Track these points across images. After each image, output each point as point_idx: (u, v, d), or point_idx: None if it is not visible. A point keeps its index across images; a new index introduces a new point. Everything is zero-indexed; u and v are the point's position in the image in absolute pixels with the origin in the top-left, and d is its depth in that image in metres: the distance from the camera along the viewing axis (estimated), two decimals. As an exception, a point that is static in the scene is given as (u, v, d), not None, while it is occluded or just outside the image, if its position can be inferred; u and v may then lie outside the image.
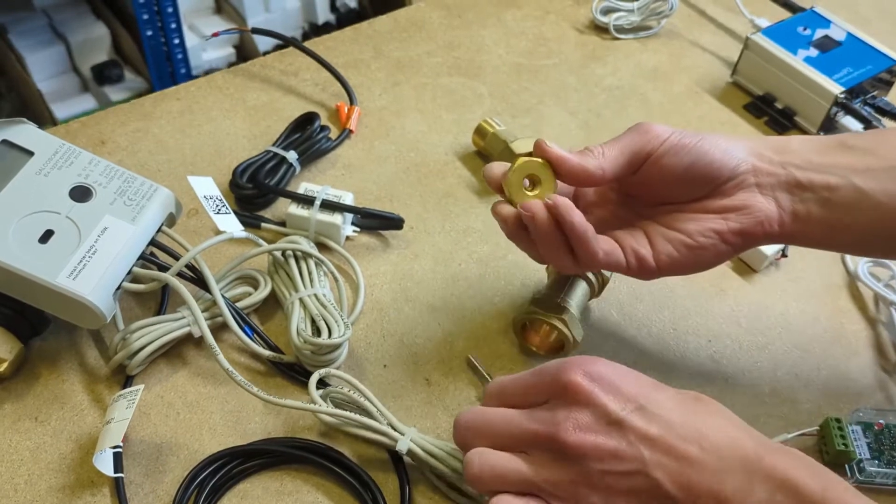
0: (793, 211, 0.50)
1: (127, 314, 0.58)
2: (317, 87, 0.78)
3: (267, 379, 0.57)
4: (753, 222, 0.50)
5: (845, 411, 0.57)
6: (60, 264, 0.51)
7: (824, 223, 0.50)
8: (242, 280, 0.59)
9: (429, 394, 0.57)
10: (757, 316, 0.63)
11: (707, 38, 0.88)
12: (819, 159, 0.50)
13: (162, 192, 0.57)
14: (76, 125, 0.72)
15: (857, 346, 0.62)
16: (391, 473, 0.52)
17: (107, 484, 0.51)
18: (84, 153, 0.57)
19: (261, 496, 0.51)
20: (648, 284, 0.64)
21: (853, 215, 0.49)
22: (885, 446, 0.54)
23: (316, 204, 0.63)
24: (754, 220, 0.50)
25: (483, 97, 0.79)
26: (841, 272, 0.67)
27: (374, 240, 0.66)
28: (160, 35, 1.66)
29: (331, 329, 0.55)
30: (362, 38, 0.84)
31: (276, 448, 0.52)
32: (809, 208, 0.50)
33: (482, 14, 0.88)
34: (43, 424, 0.53)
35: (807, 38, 0.79)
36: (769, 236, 0.50)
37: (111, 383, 0.55)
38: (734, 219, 0.50)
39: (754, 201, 0.50)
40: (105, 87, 1.71)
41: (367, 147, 0.73)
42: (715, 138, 0.50)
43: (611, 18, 0.87)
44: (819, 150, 0.51)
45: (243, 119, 0.74)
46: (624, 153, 0.50)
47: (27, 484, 0.50)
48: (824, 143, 0.51)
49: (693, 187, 0.51)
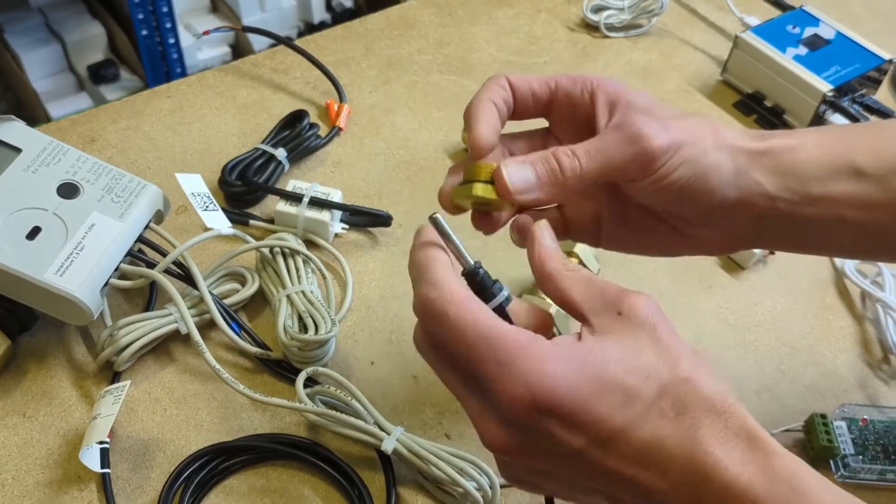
0: (758, 237, 0.46)
1: (115, 311, 0.59)
2: (307, 85, 0.78)
3: (254, 375, 0.57)
4: (708, 247, 0.48)
5: (831, 407, 0.57)
6: (48, 261, 0.51)
7: (791, 244, 0.47)
8: (230, 277, 0.60)
9: (416, 391, 0.57)
10: (744, 313, 0.64)
11: (697, 36, 0.88)
12: (818, 190, 0.43)
13: (150, 189, 0.57)
14: (66, 123, 0.72)
15: (844, 342, 0.62)
16: (378, 470, 0.52)
17: (94, 479, 0.51)
18: (72, 150, 0.57)
19: (247, 492, 0.51)
20: (637, 282, 0.64)
21: (829, 241, 0.46)
22: (870, 442, 0.54)
23: (304, 201, 0.63)
24: (710, 246, 0.47)
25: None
26: (828, 269, 0.67)
27: (363, 237, 0.66)
28: (155, 34, 1.66)
29: (318, 326, 0.55)
30: (353, 36, 0.84)
31: (263, 444, 0.52)
32: (779, 235, 0.46)
33: (473, 12, 0.88)
34: (30, 420, 0.53)
35: (796, 37, 0.79)
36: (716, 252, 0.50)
37: (99, 379, 0.56)
38: (688, 238, 0.46)
39: (717, 234, 0.46)
40: (101, 87, 1.71)
41: (357, 145, 0.73)
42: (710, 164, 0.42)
43: (601, 17, 0.87)
44: (822, 176, 0.43)
45: (233, 117, 0.74)
46: (601, 174, 0.41)
47: (14, 479, 0.51)
48: (830, 165, 0.43)
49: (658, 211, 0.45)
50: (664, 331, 0.36)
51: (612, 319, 0.37)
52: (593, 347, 0.35)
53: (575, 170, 0.41)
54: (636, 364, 0.35)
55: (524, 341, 0.35)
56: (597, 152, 0.41)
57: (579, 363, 0.35)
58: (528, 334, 0.36)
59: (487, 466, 0.50)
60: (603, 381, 0.34)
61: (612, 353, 0.35)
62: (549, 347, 0.35)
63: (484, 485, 0.50)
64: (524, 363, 0.35)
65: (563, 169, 0.41)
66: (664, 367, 0.35)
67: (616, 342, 0.36)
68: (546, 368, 0.34)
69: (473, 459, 0.50)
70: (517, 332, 0.36)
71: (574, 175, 0.41)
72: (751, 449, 0.34)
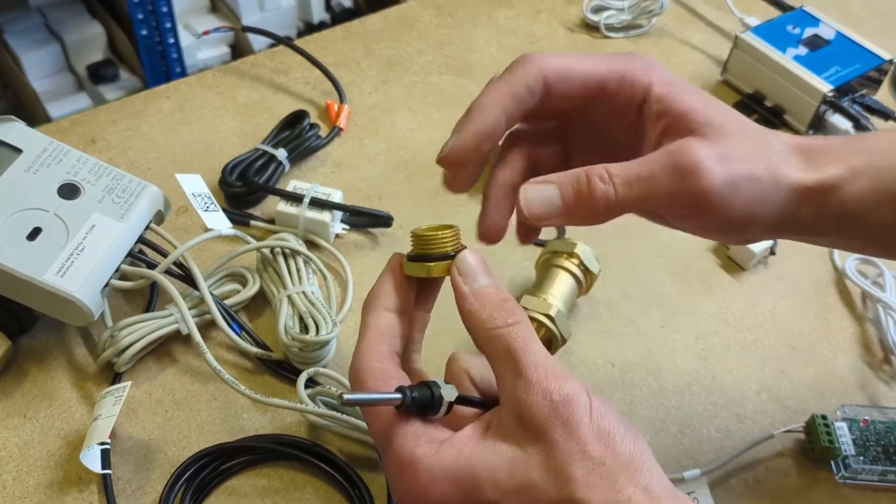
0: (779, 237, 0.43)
1: (115, 311, 0.58)
2: (307, 86, 0.78)
3: (255, 376, 0.57)
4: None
5: (832, 408, 0.57)
6: (48, 262, 0.51)
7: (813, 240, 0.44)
8: (231, 277, 0.60)
9: (417, 391, 0.57)
10: (745, 313, 0.64)
11: (697, 36, 0.88)
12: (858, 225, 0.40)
13: (150, 189, 0.57)
14: (67, 123, 0.72)
15: (845, 343, 0.62)
16: (379, 471, 0.52)
17: (95, 480, 0.51)
18: (73, 151, 0.57)
19: (248, 493, 0.51)
20: (636, 283, 0.64)
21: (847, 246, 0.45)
22: (871, 443, 0.54)
23: (305, 201, 0.63)
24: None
25: (473, 95, 0.78)
26: (829, 270, 0.67)
27: (364, 237, 0.66)
28: (155, 34, 1.66)
29: (319, 326, 0.55)
30: (353, 36, 0.84)
31: (264, 445, 0.52)
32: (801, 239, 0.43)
33: (473, 13, 0.88)
34: (31, 421, 0.53)
35: (796, 37, 0.79)
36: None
37: (99, 380, 0.55)
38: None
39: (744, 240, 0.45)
40: (100, 87, 1.71)
41: (357, 145, 0.73)
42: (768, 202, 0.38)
43: (601, 17, 0.87)
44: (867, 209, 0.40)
45: (233, 117, 0.74)
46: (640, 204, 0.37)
47: (15, 480, 0.51)
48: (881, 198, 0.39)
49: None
50: (559, 444, 0.33)
51: (511, 421, 0.34)
52: (479, 464, 0.34)
53: (609, 198, 0.36)
54: (518, 484, 0.33)
55: (409, 451, 0.35)
56: (639, 182, 0.36)
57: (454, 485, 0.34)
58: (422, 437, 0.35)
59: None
60: (480, 503, 0.33)
61: (495, 472, 0.33)
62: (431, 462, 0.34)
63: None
64: (402, 478, 0.35)
65: (595, 195, 0.36)
66: (552, 487, 0.33)
67: (503, 457, 0.34)
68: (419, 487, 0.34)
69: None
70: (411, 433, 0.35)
71: (606, 204, 0.36)
72: None
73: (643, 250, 0.67)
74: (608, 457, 0.33)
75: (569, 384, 0.33)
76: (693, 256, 0.67)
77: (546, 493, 0.33)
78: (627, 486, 0.32)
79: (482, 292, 0.36)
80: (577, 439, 0.33)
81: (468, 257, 0.37)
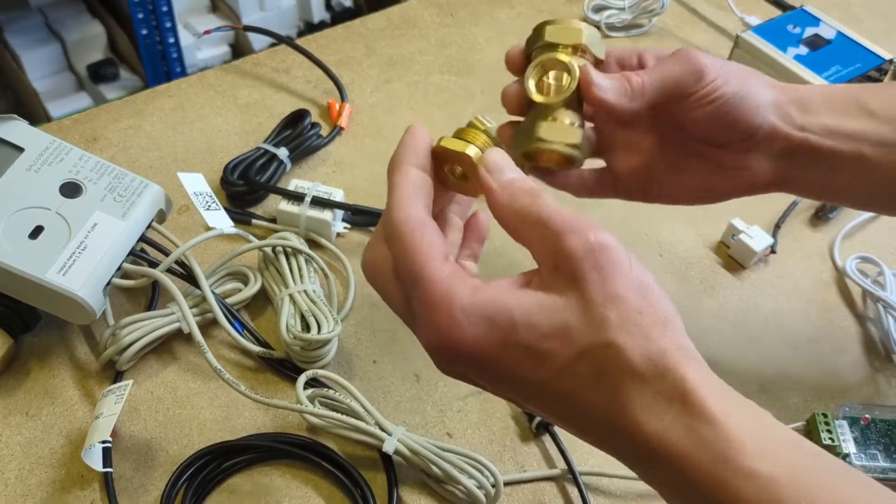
0: (790, 176, 0.49)
1: (117, 310, 0.59)
2: (308, 85, 0.78)
3: (257, 374, 0.57)
4: (745, 184, 0.49)
5: (832, 406, 0.57)
6: (50, 260, 0.51)
7: (818, 186, 0.50)
8: (232, 276, 0.60)
9: (418, 389, 0.57)
10: (745, 312, 0.64)
11: (698, 35, 0.89)
12: (835, 123, 0.48)
13: (152, 188, 0.57)
14: (68, 122, 0.72)
15: (845, 341, 0.62)
16: (381, 470, 0.52)
17: (97, 479, 0.51)
18: (75, 149, 0.57)
19: (250, 491, 0.51)
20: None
21: (851, 181, 0.49)
22: (871, 441, 0.54)
23: (306, 200, 0.63)
24: (747, 182, 0.49)
25: (475, 95, 0.79)
26: (829, 268, 0.67)
27: (365, 236, 0.66)
28: (155, 34, 1.66)
29: (320, 325, 0.55)
30: (354, 35, 0.84)
31: (266, 443, 0.52)
32: (809, 174, 0.49)
33: (475, 12, 0.89)
34: (33, 419, 0.53)
35: (797, 37, 0.79)
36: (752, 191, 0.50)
37: (101, 379, 0.56)
38: (729, 174, 0.49)
39: (757, 165, 0.48)
40: (100, 86, 1.71)
41: (359, 144, 0.73)
42: (751, 87, 0.47)
43: (602, 16, 0.87)
44: (838, 112, 0.48)
45: (235, 116, 0.74)
46: (661, 90, 0.46)
47: (17, 478, 0.51)
48: (845, 105, 0.49)
49: (706, 136, 0.48)
50: (596, 287, 0.34)
51: (549, 272, 0.35)
52: (516, 306, 0.34)
53: (640, 83, 0.45)
54: (554, 327, 0.34)
55: (446, 288, 0.35)
56: (657, 69, 0.46)
57: (490, 325, 0.34)
58: (457, 278, 0.35)
59: (490, 464, 0.50)
60: (515, 345, 0.34)
61: (532, 315, 0.34)
62: (467, 301, 0.35)
63: (486, 483, 0.50)
64: (436, 315, 0.35)
65: (632, 82, 0.45)
66: (586, 330, 0.33)
67: (540, 302, 0.34)
68: (454, 326, 0.35)
69: (475, 457, 0.50)
70: (447, 273, 0.35)
71: (639, 87, 0.45)
72: (684, 414, 0.32)
73: (644, 249, 0.67)
74: (645, 307, 0.34)
75: (606, 234, 0.35)
76: (694, 255, 0.67)
77: (581, 336, 0.33)
78: (663, 339, 0.33)
79: (509, 184, 0.38)
80: (614, 283, 0.34)
81: (495, 153, 0.40)
